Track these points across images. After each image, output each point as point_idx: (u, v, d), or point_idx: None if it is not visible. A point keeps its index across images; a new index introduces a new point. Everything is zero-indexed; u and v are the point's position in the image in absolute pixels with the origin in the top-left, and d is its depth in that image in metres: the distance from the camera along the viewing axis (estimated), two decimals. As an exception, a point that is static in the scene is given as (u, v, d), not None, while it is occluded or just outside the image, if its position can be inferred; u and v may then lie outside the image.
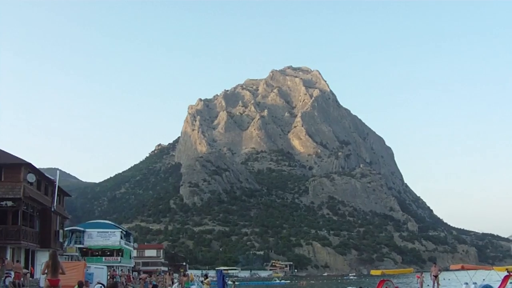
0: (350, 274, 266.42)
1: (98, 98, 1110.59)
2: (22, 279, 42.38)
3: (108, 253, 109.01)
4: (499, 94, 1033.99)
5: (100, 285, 21.65)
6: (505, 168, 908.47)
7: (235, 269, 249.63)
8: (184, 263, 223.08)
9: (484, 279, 61.98)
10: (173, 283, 62.13)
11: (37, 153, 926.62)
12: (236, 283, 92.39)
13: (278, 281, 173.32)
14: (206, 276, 55.24)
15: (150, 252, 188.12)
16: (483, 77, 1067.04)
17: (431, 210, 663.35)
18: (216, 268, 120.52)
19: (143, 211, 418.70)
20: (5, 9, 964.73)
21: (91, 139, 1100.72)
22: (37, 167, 61.25)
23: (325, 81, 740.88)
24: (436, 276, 57.21)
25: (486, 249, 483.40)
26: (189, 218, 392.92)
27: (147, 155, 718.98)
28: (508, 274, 53.02)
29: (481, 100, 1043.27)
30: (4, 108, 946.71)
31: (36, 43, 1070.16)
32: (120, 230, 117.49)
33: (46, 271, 20.46)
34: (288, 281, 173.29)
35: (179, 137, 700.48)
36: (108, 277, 43.32)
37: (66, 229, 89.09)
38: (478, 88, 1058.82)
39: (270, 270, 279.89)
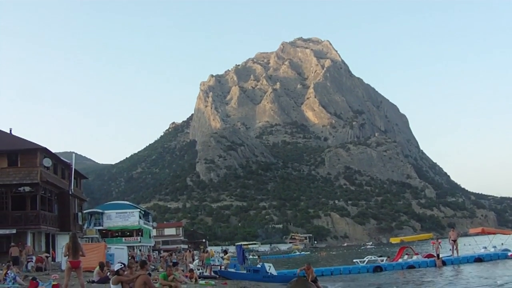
0: (367, 243, 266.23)
1: (110, 80, 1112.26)
2: (44, 262, 42.72)
3: (128, 233, 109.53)
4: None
5: (121, 264, 21.60)
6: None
7: (255, 244, 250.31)
8: (204, 240, 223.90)
9: (503, 243, 61.87)
10: (193, 260, 62.46)
11: (52, 138, 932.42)
12: (260, 256, 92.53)
13: (298, 253, 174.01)
14: (225, 252, 55.43)
15: (169, 231, 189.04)
16: (500, 39, 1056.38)
17: (448, 176, 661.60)
18: (236, 243, 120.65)
19: (161, 190, 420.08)
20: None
21: (105, 121, 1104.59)
22: (53, 151, 61.44)
23: (336, 51, 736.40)
24: (454, 241, 57.18)
25: (505, 213, 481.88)
26: (207, 194, 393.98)
27: (162, 133, 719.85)
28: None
29: (499, 61, 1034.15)
30: (17, 95, 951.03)
31: (46, 26, 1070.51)
32: (139, 210, 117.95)
33: (67, 253, 20.54)
34: (308, 253, 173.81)
35: (192, 114, 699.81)
36: (129, 258, 43.51)
37: (84, 211, 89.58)
38: (493, 50, 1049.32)
39: (290, 242, 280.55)
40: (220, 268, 47.10)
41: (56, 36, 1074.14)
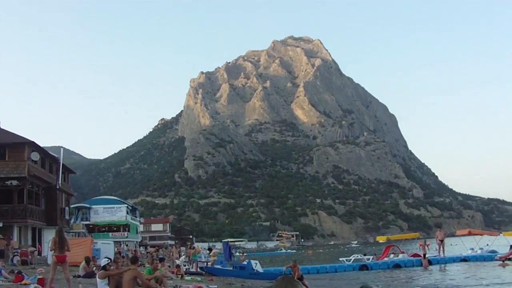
0: (352, 242, 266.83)
1: (100, 74, 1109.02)
2: (29, 256, 42.62)
3: (115, 228, 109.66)
4: (503, 57, 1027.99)
5: (107, 259, 21.55)
6: (511, 133, 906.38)
7: (242, 241, 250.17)
8: (191, 236, 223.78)
9: (488, 244, 62.29)
10: (180, 256, 62.45)
11: (40, 132, 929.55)
12: (245, 254, 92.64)
13: (284, 251, 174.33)
14: (210, 250, 55.47)
15: (156, 227, 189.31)
16: (488, 41, 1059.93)
17: (436, 176, 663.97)
18: (223, 240, 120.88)
19: (148, 185, 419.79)
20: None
21: (94, 116, 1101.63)
22: (41, 145, 61.31)
23: (327, 50, 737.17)
24: (441, 241, 57.48)
25: (491, 214, 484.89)
26: (194, 191, 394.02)
27: (151, 129, 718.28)
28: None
29: (485, 63, 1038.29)
30: (5, 88, 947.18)
31: (35, 15, 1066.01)
32: (126, 205, 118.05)
33: (53, 247, 20.50)
34: (295, 251, 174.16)
35: (182, 111, 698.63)
36: (116, 253, 43.49)
37: (72, 206, 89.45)
38: (482, 52, 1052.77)
39: (277, 240, 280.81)
40: (207, 264, 47.14)
41: (46, 28, 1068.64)
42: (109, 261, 21.44)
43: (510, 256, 50.69)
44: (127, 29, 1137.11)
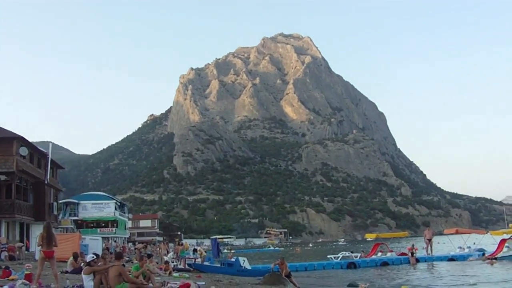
0: (339, 240, 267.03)
1: (89, 69, 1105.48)
2: (17, 252, 42.51)
3: (103, 224, 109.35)
4: (490, 57, 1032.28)
5: (93, 255, 21.50)
6: (497, 132, 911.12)
7: (230, 238, 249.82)
8: (179, 233, 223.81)
9: (474, 243, 62.50)
10: (168, 252, 62.42)
11: (29, 127, 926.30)
12: (232, 251, 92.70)
13: (272, 248, 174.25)
14: (195, 250, 55.22)
15: (144, 223, 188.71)
16: (473, 40, 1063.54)
17: (424, 175, 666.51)
18: (211, 237, 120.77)
19: (137, 181, 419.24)
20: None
21: (83, 111, 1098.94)
22: (29, 140, 61.09)
23: (317, 48, 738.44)
24: (430, 240, 57.64)
25: (479, 213, 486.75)
26: (183, 187, 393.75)
27: (140, 125, 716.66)
28: (505, 238, 53.54)
29: (472, 64, 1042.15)
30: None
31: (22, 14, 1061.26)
32: (115, 201, 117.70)
33: (41, 242, 20.43)
34: (283, 248, 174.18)
35: (171, 107, 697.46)
36: (104, 249, 43.42)
37: (60, 201, 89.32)
38: (469, 52, 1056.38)
39: (265, 237, 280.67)
40: (195, 261, 47.09)
41: (34, 27, 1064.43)
42: (94, 257, 21.40)
43: (496, 256, 50.86)
44: (117, 25, 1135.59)
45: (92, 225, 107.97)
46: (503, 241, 53.31)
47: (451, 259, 54.05)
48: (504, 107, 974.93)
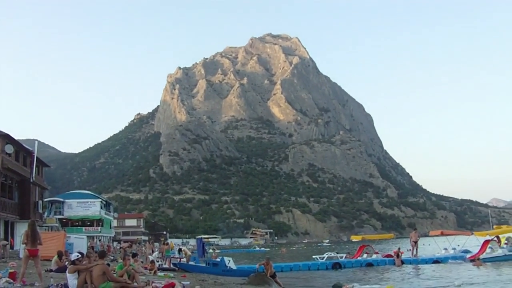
0: (324, 241, 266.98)
1: (76, 68, 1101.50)
2: (1, 250, 42.25)
3: (88, 223, 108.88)
4: (478, 58, 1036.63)
5: (77, 254, 21.41)
6: (484, 135, 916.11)
7: (216, 237, 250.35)
8: (165, 232, 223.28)
9: (459, 245, 62.75)
10: (153, 251, 62.26)
11: (15, 124, 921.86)
12: (217, 250, 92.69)
13: (258, 248, 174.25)
14: (180, 250, 55.08)
15: (130, 222, 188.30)
16: (464, 40, 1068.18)
17: (411, 177, 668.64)
18: (196, 237, 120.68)
19: (123, 180, 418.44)
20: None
21: (70, 110, 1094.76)
22: (15, 138, 60.75)
23: (305, 48, 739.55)
24: (415, 242, 57.77)
25: (464, 215, 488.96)
26: (169, 187, 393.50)
27: (126, 124, 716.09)
28: (488, 239, 53.96)
29: (460, 66, 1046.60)
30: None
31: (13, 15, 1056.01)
32: (100, 200, 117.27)
33: (25, 241, 20.33)
34: (268, 249, 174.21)
35: (158, 106, 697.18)
36: (88, 248, 43.26)
37: (45, 200, 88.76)
38: (458, 53, 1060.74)
39: (251, 237, 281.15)
40: (180, 260, 47.01)
41: (20, 24, 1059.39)
42: (79, 256, 21.32)
43: (479, 256, 51.18)
44: (105, 23, 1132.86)
45: (77, 223, 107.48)
46: (486, 242, 53.75)
47: (436, 261, 54.24)
48: (491, 110, 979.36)
